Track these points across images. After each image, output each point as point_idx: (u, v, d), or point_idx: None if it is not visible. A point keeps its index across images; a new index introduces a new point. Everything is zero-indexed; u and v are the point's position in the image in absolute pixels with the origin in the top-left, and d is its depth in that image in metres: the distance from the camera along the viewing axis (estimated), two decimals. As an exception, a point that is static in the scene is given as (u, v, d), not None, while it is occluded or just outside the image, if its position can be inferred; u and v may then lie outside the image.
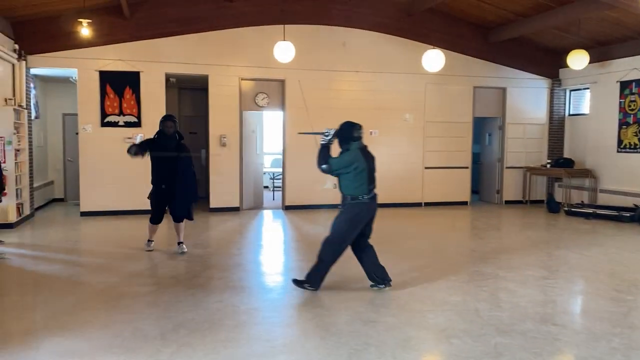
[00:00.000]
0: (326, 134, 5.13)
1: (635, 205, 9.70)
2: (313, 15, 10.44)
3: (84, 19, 8.28)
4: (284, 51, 8.61)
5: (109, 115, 9.76)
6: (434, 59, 8.99)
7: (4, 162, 8.05)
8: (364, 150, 5.11)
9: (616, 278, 5.80)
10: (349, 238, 5.06)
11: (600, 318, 4.50)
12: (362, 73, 10.91)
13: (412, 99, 11.27)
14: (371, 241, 5.27)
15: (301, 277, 5.24)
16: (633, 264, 6.50)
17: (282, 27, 8.96)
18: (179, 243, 6.95)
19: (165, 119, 6.77)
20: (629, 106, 10.22)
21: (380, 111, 11.05)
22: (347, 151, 5.06)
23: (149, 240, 7.06)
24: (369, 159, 5.12)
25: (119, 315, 4.47)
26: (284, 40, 8.62)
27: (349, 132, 5.08)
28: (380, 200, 4.66)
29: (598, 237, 8.28)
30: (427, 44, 9.96)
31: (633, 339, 4.06)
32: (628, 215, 9.52)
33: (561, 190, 11.68)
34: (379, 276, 5.22)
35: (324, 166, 5.04)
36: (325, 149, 5.09)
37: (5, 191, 6.94)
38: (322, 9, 10.43)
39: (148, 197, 6.87)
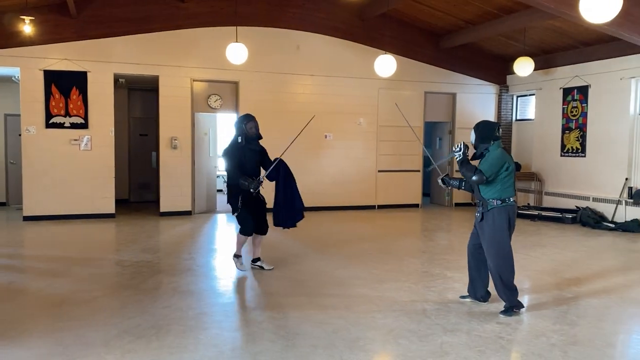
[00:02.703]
0: (457, 150, 4.77)
1: (577, 207, 10.11)
2: (267, 18, 10.41)
3: (27, 16, 7.99)
4: (237, 53, 8.52)
5: (54, 116, 9.42)
6: (386, 64, 9.10)
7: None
8: (505, 149, 4.71)
9: (558, 277, 6.03)
10: (509, 243, 4.66)
11: (542, 315, 4.66)
12: (316, 77, 10.95)
13: (366, 103, 11.39)
14: (322, 244, 5.25)
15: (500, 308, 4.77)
16: (574, 263, 6.77)
17: (235, 29, 8.88)
18: (258, 259, 6.22)
19: (249, 119, 5.87)
20: (571, 112, 10.66)
21: (335, 115, 11.11)
22: (487, 152, 4.65)
23: (238, 256, 6.14)
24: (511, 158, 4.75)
25: (61, 323, 4.31)
26: (237, 41, 8.55)
27: (490, 131, 4.68)
28: (335, 203, 4.67)
29: (542, 238, 8.58)
30: (380, 49, 10.10)
31: (571, 335, 4.22)
32: (570, 217, 9.91)
33: (508, 193, 12.02)
34: (483, 295, 4.93)
35: (475, 177, 4.56)
36: (465, 163, 4.71)
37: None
38: (276, 12, 10.42)
39: (234, 213, 5.95)
